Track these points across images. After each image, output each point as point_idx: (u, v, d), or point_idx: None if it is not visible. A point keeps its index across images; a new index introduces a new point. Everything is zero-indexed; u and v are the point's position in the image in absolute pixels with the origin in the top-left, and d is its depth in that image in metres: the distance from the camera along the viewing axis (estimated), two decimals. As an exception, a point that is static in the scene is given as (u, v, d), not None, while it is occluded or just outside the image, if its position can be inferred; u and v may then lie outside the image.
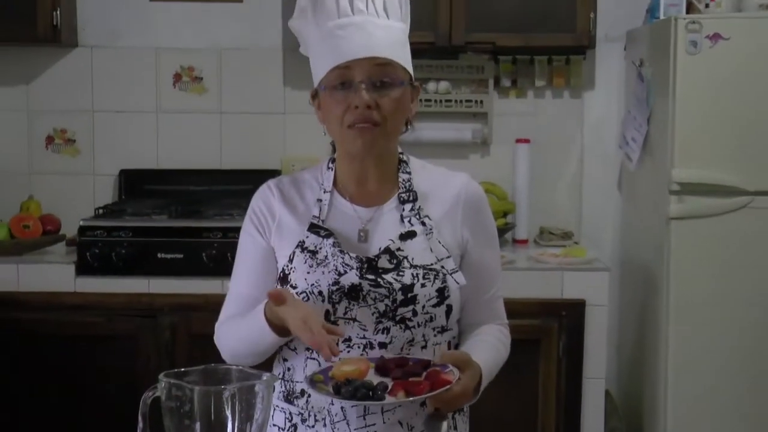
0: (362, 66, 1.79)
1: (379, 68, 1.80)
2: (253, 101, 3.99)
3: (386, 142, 1.86)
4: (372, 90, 1.80)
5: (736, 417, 3.34)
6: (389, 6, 1.85)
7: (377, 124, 1.80)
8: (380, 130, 1.81)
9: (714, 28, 3.23)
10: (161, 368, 1.73)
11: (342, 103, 1.81)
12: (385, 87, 1.81)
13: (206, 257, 3.41)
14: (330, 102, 1.83)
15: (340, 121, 1.81)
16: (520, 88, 3.95)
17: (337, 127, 1.83)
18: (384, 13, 1.84)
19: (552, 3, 3.64)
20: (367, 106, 1.79)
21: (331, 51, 1.81)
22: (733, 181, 3.27)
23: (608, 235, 4.02)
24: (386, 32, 1.82)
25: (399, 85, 1.83)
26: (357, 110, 1.79)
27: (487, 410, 2.45)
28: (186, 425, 1.49)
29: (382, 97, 1.80)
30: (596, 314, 3.42)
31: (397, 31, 1.85)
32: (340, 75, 1.80)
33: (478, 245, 1.92)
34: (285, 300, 1.72)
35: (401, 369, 1.71)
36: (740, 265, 3.30)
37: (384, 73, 1.81)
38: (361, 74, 1.79)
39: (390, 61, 1.81)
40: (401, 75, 1.84)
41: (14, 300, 3.42)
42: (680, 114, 3.28)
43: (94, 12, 3.96)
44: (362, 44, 1.80)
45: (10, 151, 4.00)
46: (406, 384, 1.67)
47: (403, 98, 1.84)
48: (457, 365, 1.73)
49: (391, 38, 1.83)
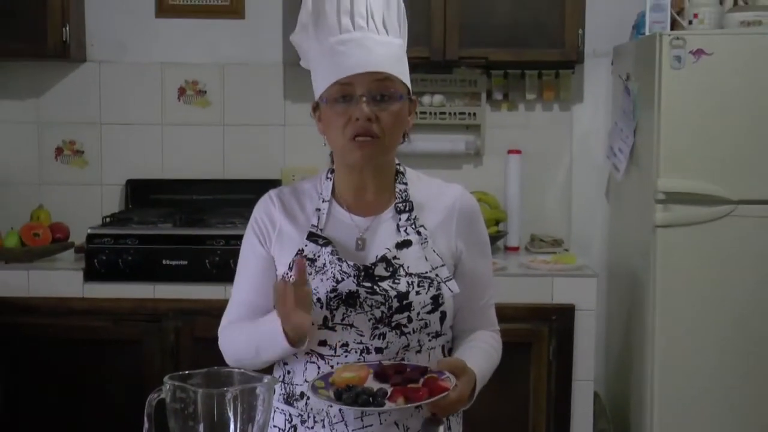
0: (363, 80, 1.79)
1: (379, 83, 1.80)
2: (254, 114, 3.99)
3: (385, 155, 1.86)
4: (372, 103, 1.80)
5: (720, 418, 3.34)
6: (388, 22, 1.85)
7: (377, 137, 1.81)
8: (379, 143, 1.82)
9: (697, 44, 3.24)
10: (166, 371, 1.73)
11: (343, 116, 1.81)
12: (385, 101, 1.81)
13: (209, 264, 3.41)
14: (331, 114, 1.83)
15: (341, 133, 1.81)
16: (511, 101, 3.96)
17: (338, 139, 1.83)
18: (383, 30, 1.84)
19: (542, 19, 3.65)
20: (368, 119, 1.79)
21: (332, 66, 1.81)
22: (717, 190, 3.28)
23: (596, 242, 4.02)
24: (385, 48, 1.83)
25: (398, 99, 1.83)
26: (357, 123, 1.79)
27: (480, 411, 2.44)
28: (190, 426, 1.49)
29: (381, 111, 1.80)
30: (585, 319, 3.42)
31: (395, 47, 1.85)
32: (342, 89, 1.81)
33: (471, 255, 1.93)
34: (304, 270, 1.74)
35: (400, 375, 1.72)
36: (724, 271, 3.30)
37: (383, 87, 1.81)
38: (361, 88, 1.79)
39: (389, 76, 1.81)
40: (400, 89, 1.84)
41: (25, 305, 3.42)
42: (665, 126, 3.29)
43: (102, 28, 3.96)
44: (363, 60, 1.80)
45: (20, 162, 4.00)
46: (406, 390, 1.67)
47: (402, 112, 1.85)
48: (454, 372, 1.74)
49: (390, 54, 1.83)
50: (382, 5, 1.85)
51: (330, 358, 1.83)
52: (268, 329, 1.80)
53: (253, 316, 1.89)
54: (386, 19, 1.85)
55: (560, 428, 3.45)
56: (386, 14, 1.85)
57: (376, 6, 1.84)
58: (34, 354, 3.46)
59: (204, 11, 3.97)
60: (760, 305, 3.31)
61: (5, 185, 3.99)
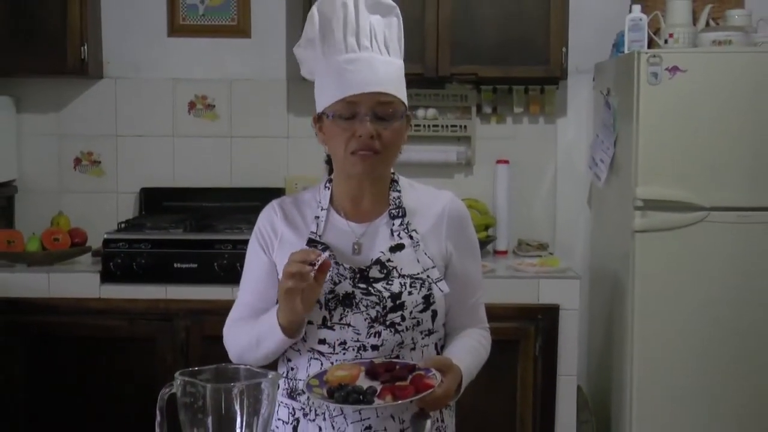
0: (368, 100, 1.78)
1: (382, 104, 1.79)
2: (259, 126, 3.99)
3: (384, 168, 1.86)
4: (375, 121, 1.79)
5: (693, 410, 3.34)
6: (390, 44, 1.84)
7: (378, 152, 1.80)
8: (380, 158, 1.81)
9: (673, 62, 3.24)
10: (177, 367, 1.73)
11: (347, 131, 1.79)
12: (387, 119, 1.80)
13: (218, 267, 3.40)
14: (335, 129, 1.82)
15: (344, 147, 1.80)
16: (500, 114, 3.96)
17: (341, 152, 1.82)
18: (386, 50, 1.83)
19: (528, 38, 3.65)
20: (370, 136, 1.78)
21: (339, 83, 1.80)
22: (691, 197, 3.28)
23: (579, 246, 4.02)
24: (388, 68, 1.82)
25: (399, 118, 1.82)
26: (360, 139, 1.78)
27: (471, 405, 2.46)
28: (199, 419, 1.49)
29: (384, 129, 1.80)
30: (569, 318, 3.41)
31: (396, 67, 1.85)
32: (347, 106, 1.79)
33: (461, 257, 1.92)
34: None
35: (389, 373, 1.71)
36: (698, 273, 3.30)
37: (386, 108, 1.80)
38: (366, 107, 1.78)
39: (392, 98, 1.81)
40: (400, 108, 1.83)
41: (45, 305, 3.42)
42: (643, 138, 3.29)
43: (118, 47, 3.96)
44: (369, 79, 1.79)
45: (42, 172, 4.00)
46: (393, 388, 1.66)
47: (402, 129, 1.84)
48: (440, 369, 1.74)
49: (392, 74, 1.83)
50: (384, 27, 1.84)
51: (329, 356, 1.83)
52: (267, 323, 1.81)
53: (255, 317, 1.89)
54: (388, 40, 1.84)
55: (545, 420, 3.44)
56: (388, 35, 1.84)
57: (379, 28, 1.84)
58: (53, 351, 3.45)
59: (213, 31, 3.97)
60: (731, 304, 3.31)
61: (28, 193, 3.99)
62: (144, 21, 3.97)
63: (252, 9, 3.96)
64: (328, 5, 1.83)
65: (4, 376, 3.42)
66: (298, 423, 1.88)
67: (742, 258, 3.29)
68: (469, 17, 3.64)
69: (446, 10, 3.63)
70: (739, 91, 3.25)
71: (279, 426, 1.90)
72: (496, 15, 3.64)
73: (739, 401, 3.33)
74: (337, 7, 1.82)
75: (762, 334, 3.31)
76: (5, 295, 3.41)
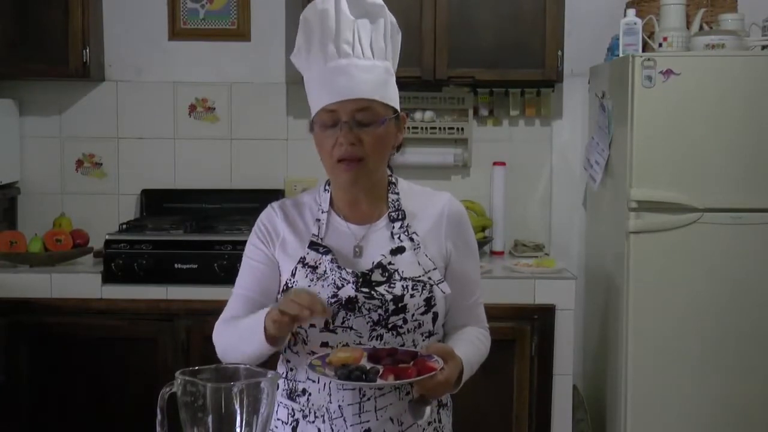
0: (346, 108, 1.76)
1: (361, 111, 1.77)
2: (259, 129, 3.99)
3: (369, 176, 1.82)
4: (356, 127, 1.77)
5: (687, 409, 3.34)
6: (375, 46, 1.81)
7: (361, 159, 1.78)
8: (363, 165, 1.79)
9: (667, 65, 3.24)
10: (177, 366, 1.72)
11: (331, 139, 1.78)
12: (368, 125, 1.78)
13: (218, 267, 3.40)
14: (321, 137, 1.81)
15: (330, 155, 1.79)
16: (496, 117, 3.96)
17: (327, 160, 1.81)
18: (370, 53, 1.80)
19: (524, 42, 3.65)
20: (351, 143, 1.76)
21: (320, 92, 1.79)
22: (685, 199, 3.28)
23: (575, 247, 4.02)
24: (369, 73, 1.78)
25: (380, 123, 1.79)
26: (342, 147, 1.77)
27: (468, 404, 2.45)
28: (199, 418, 1.49)
29: (365, 135, 1.77)
30: (565, 318, 3.41)
31: (380, 70, 1.81)
32: (329, 115, 1.78)
33: (460, 257, 1.91)
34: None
35: (391, 357, 1.71)
36: (691, 273, 3.30)
37: (365, 112, 1.77)
38: (345, 114, 1.76)
39: (370, 105, 1.77)
40: (382, 112, 1.80)
41: (48, 306, 3.41)
42: (637, 140, 3.29)
43: (119, 51, 3.96)
44: (347, 87, 1.76)
45: (44, 173, 3.99)
46: (396, 370, 1.66)
47: (386, 133, 1.81)
48: (442, 356, 1.72)
49: (374, 78, 1.79)
50: (370, 28, 1.81)
51: (330, 357, 1.82)
52: (254, 321, 1.77)
53: (250, 310, 1.85)
54: (374, 42, 1.81)
55: (541, 419, 3.44)
56: (374, 37, 1.81)
57: (364, 30, 1.80)
58: (55, 351, 3.44)
59: (213, 35, 3.97)
60: (724, 304, 3.31)
61: (30, 194, 3.98)
62: (145, 25, 3.96)
63: (252, 13, 3.96)
64: (311, 13, 1.82)
65: (6, 376, 3.41)
66: (297, 424, 1.87)
67: (736, 259, 3.29)
68: (466, 21, 3.64)
69: (443, 14, 3.63)
70: (732, 94, 3.25)
71: (278, 426, 1.89)
72: (492, 19, 3.64)
73: (733, 401, 3.33)
74: (317, 15, 1.80)
75: (756, 335, 3.31)
76: (8, 296, 3.41)
